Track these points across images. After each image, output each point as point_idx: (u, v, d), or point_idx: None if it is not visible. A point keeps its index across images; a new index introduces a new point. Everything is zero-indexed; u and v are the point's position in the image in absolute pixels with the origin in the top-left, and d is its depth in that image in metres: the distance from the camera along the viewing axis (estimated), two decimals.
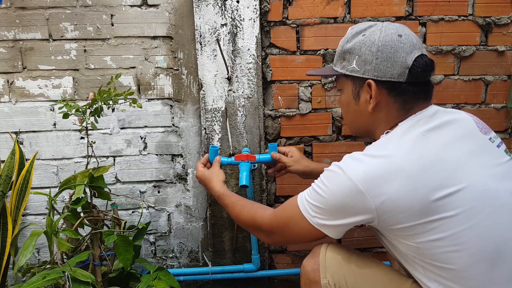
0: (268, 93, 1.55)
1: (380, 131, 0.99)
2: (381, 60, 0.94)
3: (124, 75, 1.54)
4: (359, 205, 0.88)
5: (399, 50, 0.93)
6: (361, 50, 0.96)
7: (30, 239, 1.20)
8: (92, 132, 1.52)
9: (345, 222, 0.92)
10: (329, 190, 0.92)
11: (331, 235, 0.96)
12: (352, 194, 0.88)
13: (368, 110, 0.99)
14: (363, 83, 0.97)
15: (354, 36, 1.00)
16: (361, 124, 1.05)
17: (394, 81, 0.94)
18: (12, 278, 1.63)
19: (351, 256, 1.04)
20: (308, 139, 1.57)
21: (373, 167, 0.87)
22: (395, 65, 0.93)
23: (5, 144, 1.57)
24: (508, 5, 1.49)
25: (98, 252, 1.29)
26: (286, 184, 1.61)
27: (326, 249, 1.06)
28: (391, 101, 0.96)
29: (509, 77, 1.54)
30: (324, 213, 0.94)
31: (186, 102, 1.57)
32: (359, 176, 0.87)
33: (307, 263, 1.06)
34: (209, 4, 1.45)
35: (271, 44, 1.52)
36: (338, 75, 1.05)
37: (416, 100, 0.96)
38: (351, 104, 1.03)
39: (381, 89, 0.96)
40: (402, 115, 0.97)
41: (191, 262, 1.69)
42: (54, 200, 1.27)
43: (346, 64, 1.01)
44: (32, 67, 1.53)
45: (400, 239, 0.90)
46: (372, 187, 0.86)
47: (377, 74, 0.95)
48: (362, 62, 0.96)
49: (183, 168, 1.62)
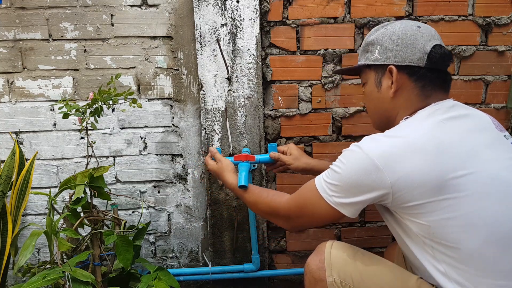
0: (268, 93, 1.55)
1: (400, 117, 1.02)
2: (401, 46, 1.00)
3: (124, 75, 1.54)
4: (375, 181, 0.89)
5: (418, 38, 0.99)
6: (383, 40, 1.03)
7: (30, 239, 1.20)
8: (92, 132, 1.52)
9: (361, 199, 0.93)
10: (346, 167, 0.94)
11: (348, 214, 0.97)
12: (369, 170, 0.90)
13: (389, 95, 1.03)
14: (385, 70, 1.03)
15: (376, 30, 1.07)
16: (382, 112, 1.07)
17: (413, 66, 0.99)
18: (12, 278, 1.63)
19: (356, 253, 1.04)
20: (308, 139, 1.57)
21: (391, 145, 0.90)
22: (414, 51, 0.99)
23: (5, 144, 1.57)
24: (508, 5, 1.49)
25: (98, 252, 1.29)
26: (286, 184, 1.61)
27: (331, 246, 1.06)
28: (411, 86, 1.01)
29: (509, 77, 1.54)
30: (341, 190, 0.95)
31: (186, 102, 1.57)
32: (376, 153, 0.90)
33: (312, 261, 1.06)
34: (209, 4, 1.45)
35: (271, 44, 1.52)
36: (362, 67, 1.11)
37: (434, 88, 1.01)
38: (373, 93, 1.07)
39: (401, 74, 1.00)
40: (422, 101, 1.00)
41: (191, 262, 1.69)
42: (54, 200, 1.27)
43: (369, 56, 1.07)
44: (32, 67, 1.53)
45: (412, 217, 0.91)
46: (389, 163, 0.88)
47: (397, 59, 1.00)
48: (384, 50, 1.02)
49: (183, 168, 1.62)
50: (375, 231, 1.64)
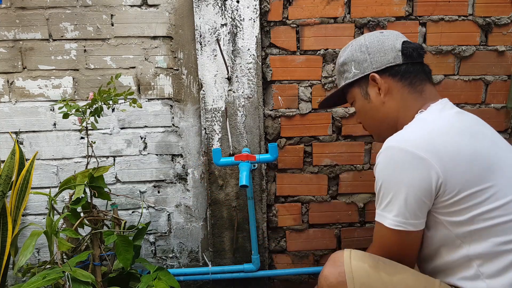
0: (268, 93, 1.55)
1: (404, 117, 1.01)
2: (373, 53, 1.03)
3: (124, 75, 1.54)
4: (425, 173, 0.86)
5: (386, 40, 1.03)
6: (353, 55, 1.06)
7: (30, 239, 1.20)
8: (92, 132, 1.52)
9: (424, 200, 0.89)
10: (390, 173, 0.89)
11: (423, 225, 0.92)
12: (414, 163, 0.86)
13: (381, 100, 1.03)
14: (367, 80, 1.05)
15: (343, 51, 1.11)
16: (382, 120, 1.06)
17: (392, 65, 1.01)
18: (12, 278, 1.63)
19: (378, 263, 0.95)
20: (308, 139, 1.57)
21: (422, 133, 0.89)
22: (387, 52, 1.02)
23: (5, 144, 1.57)
24: (508, 5, 1.49)
25: (98, 252, 1.29)
26: (286, 184, 1.61)
27: (350, 257, 0.96)
28: (399, 85, 1.02)
29: (509, 77, 1.54)
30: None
31: (186, 102, 1.57)
32: (413, 144, 0.87)
33: (331, 274, 0.95)
34: (209, 4, 1.45)
35: (271, 44, 1.51)
36: (345, 88, 1.12)
37: (422, 81, 1.02)
38: (365, 105, 1.08)
39: (384, 77, 1.02)
40: (418, 97, 1.01)
41: (191, 262, 1.69)
42: (54, 200, 1.27)
43: (347, 75, 1.09)
44: (32, 67, 1.53)
45: (454, 216, 0.89)
46: (430, 150, 0.86)
47: (375, 66, 1.03)
48: (359, 64, 1.05)
49: (183, 168, 1.62)
50: None
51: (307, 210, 1.63)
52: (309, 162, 1.59)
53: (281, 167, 1.59)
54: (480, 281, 0.89)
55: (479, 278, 0.89)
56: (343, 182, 1.60)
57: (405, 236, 0.91)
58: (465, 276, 0.91)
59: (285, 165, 1.59)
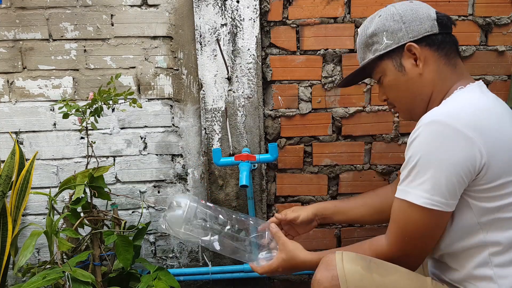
0: (268, 93, 1.55)
1: (439, 91, 0.97)
2: (409, 22, 0.97)
3: (124, 75, 1.54)
4: (470, 152, 0.82)
5: (419, 9, 0.98)
6: (386, 25, 0.99)
7: (30, 239, 1.20)
8: (92, 132, 1.52)
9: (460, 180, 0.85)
10: (430, 150, 0.84)
11: (453, 208, 0.88)
12: (458, 141, 0.82)
13: (418, 72, 0.97)
14: (402, 51, 0.98)
15: (371, 22, 1.03)
16: (417, 94, 1.00)
17: (430, 35, 0.96)
18: (12, 278, 1.63)
19: (370, 265, 0.94)
20: (308, 139, 1.57)
21: (469, 110, 0.86)
22: (423, 21, 0.96)
23: (5, 144, 1.57)
24: (508, 5, 1.49)
25: (98, 252, 1.29)
26: (286, 184, 1.61)
27: (342, 260, 0.93)
28: (436, 56, 0.97)
29: (509, 77, 1.54)
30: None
31: (186, 102, 1.57)
32: (461, 121, 0.83)
33: (323, 277, 0.92)
34: (209, 4, 1.45)
35: (271, 44, 1.52)
36: (373, 62, 1.04)
37: (455, 54, 0.99)
38: (399, 79, 1.00)
39: (422, 47, 0.97)
40: (453, 69, 0.97)
41: (191, 262, 1.69)
42: (54, 200, 1.27)
43: (377, 46, 1.01)
44: (32, 67, 1.53)
45: (484, 202, 0.86)
46: (477, 128, 0.83)
47: (411, 35, 0.97)
48: (392, 34, 0.98)
49: (183, 168, 1.62)
50: (375, 231, 1.64)
51: None
52: (309, 162, 1.59)
53: (281, 167, 1.59)
54: (487, 268, 0.88)
55: (487, 266, 0.88)
56: (343, 182, 1.60)
57: (437, 217, 0.86)
58: (473, 261, 0.90)
59: (285, 165, 1.59)
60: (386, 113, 1.54)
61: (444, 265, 0.98)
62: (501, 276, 0.87)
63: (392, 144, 1.57)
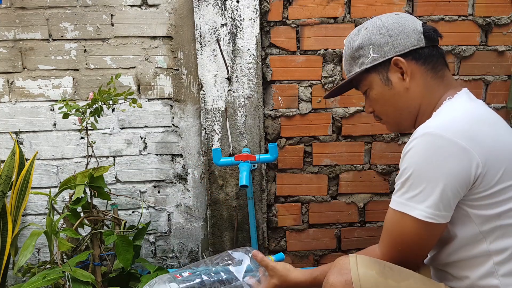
0: (268, 93, 1.55)
1: (427, 104, 0.97)
2: (395, 36, 0.96)
3: (124, 75, 1.54)
4: (466, 164, 0.82)
5: (405, 22, 0.97)
6: (372, 38, 0.98)
7: (30, 239, 1.20)
8: (92, 132, 1.52)
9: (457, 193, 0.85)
10: (426, 163, 0.83)
11: (447, 220, 0.87)
12: (456, 153, 0.81)
13: (405, 86, 0.97)
14: (388, 65, 0.98)
15: (357, 34, 1.02)
16: (404, 108, 0.99)
17: (416, 48, 0.96)
18: (12, 278, 1.63)
19: (384, 270, 0.90)
20: (308, 139, 1.57)
21: (461, 121, 0.85)
22: (410, 34, 0.96)
23: (5, 144, 1.57)
24: (508, 5, 1.49)
25: (98, 252, 1.29)
26: (286, 184, 1.61)
27: (356, 264, 0.90)
28: (422, 70, 0.96)
29: (509, 77, 1.54)
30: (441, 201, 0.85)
31: (186, 102, 1.57)
32: (454, 132, 0.82)
33: (337, 282, 0.89)
34: (209, 4, 1.45)
35: (271, 44, 1.52)
36: (360, 75, 1.03)
37: (442, 67, 0.98)
38: (385, 93, 1.00)
39: (408, 61, 0.96)
40: (440, 82, 0.97)
41: (191, 262, 1.69)
42: (54, 200, 1.27)
43: (363, 60, 1.00)
44: (32, 67, 1.53)
45: (483, 209, 0.86)
46: (471, 139, 0.82)
47: (398, 49, 0.96)
48: (379, 47, 0.98)
49: (183, 168, 1.62)
50: (375, 231, 1.64)
51: (307, 210, 1.63)
52: (309, 162, 1.59)
53: (281, 167, 1.59)
54: (493, 278, 0.87)
55: (492, 275, 0.87)
56: (343, 182, 1.60)
57: (432, 228, 0.86)
58: (478, 271, 0.89)
59: (285, 165, 1.59)
60: None
61: (447, 274, 0.97)
62: (507, 285, 0.86)
63: (392, 144, 1.57)
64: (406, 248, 0.89)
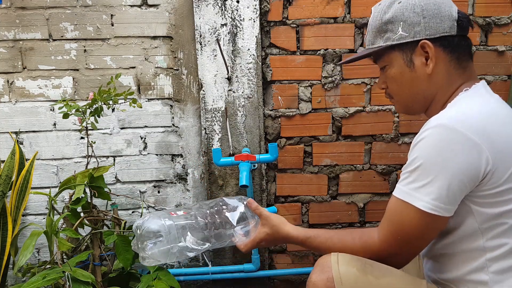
0: (268, 93, 1.55)
1: (444, 93, 0.95)
2: (429, 18, 0.92)
3: (124, 75, 1.54)
4: (476, 159, 0.81)
5: (442, 5, 0.92)
6: (404, 15, 0.93)
7: (30, 239, 1.20)
8: (92, 132, 1.52)
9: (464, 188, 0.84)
10: (438, 156, 0.82)
11: (449, 213, 0.86)
12: (467, 147, 0.80)
13: (426, 72, 0.94)
14: (415, 46, 0.94)
15: (390, 7, 0.97)
16: (420, 93, 0.97)
17: (447, 36, 0.92)
18: (12, 278, 1.63)
19: (365, 266, 0.93)
20: (308, 139, 1.57)
21: (475, 115, 0.83)
22: (444, 19, 0.91)
23: (5, 144, 1.57)
24: (508, 5, 1.49)
25: (98, 252, 1.29)
26: (286, 184, 1.61)
27: (337, 262, 0.93)
28: (448, 58, 0.93)
29: (509, 77, 1.54)
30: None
31: (186, 102, 1.57)
32: (468, 126, 0.81)
33: (319, 280, 0.91)
34: (209, 4, 1.45)
35: (271, 44, 1.52)
36: (382, 49, 0.98)
37: (467, 58, 0.95)
38: (405, 74, 0.96)
39: (436, 47, 0.92)
40: (462, 73, 0.94)
41: (191, 262, 1.69)
42: (54, 200, 1.27)
43: (390, 35, 0.96)
44: (32, 67, 1.53)
45: (487, 207, 0.85)
46: (484, 134, 0.81)
47: (429, 32, 0.92)
48: (409, 26, 0.93)
49: (183, 168, 1.62)
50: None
51: (307, 210, 1.63)
52: (309, 162, 1.59)
53: (281, 167, 1.59)
54: (483, 273, 0.88)
55: (483, 271, 0.88)
56: (343, 182, 1.60)
57: (435, 221, 0.85)
58: (470, 266, 0.89)
59: (285, 165, 1.59)
60: (386, 113, 1.54)
61: (438, 264, 0.98)
62: (497, 281, 0.87)
63: (392, 144, 1.57)
64: (405, 238, 0.88)
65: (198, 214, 1.10)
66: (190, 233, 1.05)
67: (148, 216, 1.05)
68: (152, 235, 1.01)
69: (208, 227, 1.09)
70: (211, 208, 1.13)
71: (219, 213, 1.12)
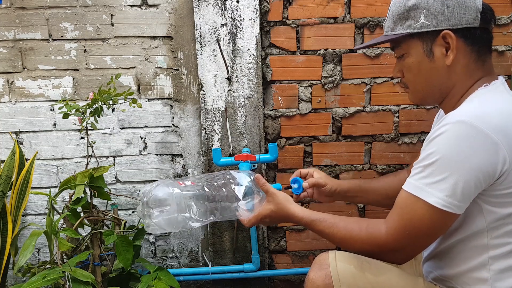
0: (268, 93, 1.55)
1: (461, 87, 0.93)
2: (453, 7, 0.89)
3: (124, 75, 1.54)
4: (494, 158, 0.80)
5: None
6: (428, 2, 0.91)
7: (30, 239, 1.20)
8: (92, 132, 1.52)
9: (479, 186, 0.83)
10: (453, 151, 0.81)
11: (461, 211, 0.85)
12: (486, 147, 0.79)
13: (446, 64, 0.92)
14: (436, 36, 0.92)
15: None
16: (437, 84, 0.95)
17: (469, 27, 0.89)
18: (12, 278, 1.63)
19: (362, 264, 0.94)
20: (308, 139, 1.58)
21: (496, 113, 0.82)
22: (468, 10, 0.89)
23: (5, 144, 1.57)
24: (508, 5, 1.49)
25: (98, 252, 1.29)
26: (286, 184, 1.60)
27: (335, 259, 0.94)
28: (468, 50, 0.91)
29: (509, 77, 1.54)
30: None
31: (186, 102, 1.57)
32: (488, 125, 0.79)
33: (317, 277, 0.93)
34: (209, 4, 1.45)
35: (271, 44, 1.52)
36: (402, 37, 0.96)
37: (487, 52, 0.93)
38: (423, 63, 0.94)
39: (458, 38, 0.90)
40: (480, 67, 0.92)
41: (191, 262, 1.69)
42: (54, 200, 1.27)
43: (411, 23, 0.93)
44: (32, 67, 1.53)
45: (498, 207, 0.85)
46: (503, 134, 0.80)
47: (452, 23, 0.89)
48: (432, 15, 0.91)
49: (183, 168, 1.62)
50: None
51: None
52: (309, 162, 1.59)
53: (281, 167, 1.59)
54: (484, 271, 0.88)
55: (484, 268, 0.88)
56: None
57: (446, 218, 0.84)
58: (471, 263, 0.89)
59: (285, 165, 1.59)
60: (386, 113, 1.54)
61: (439, 261, 0.97)
62: (496, 280, 0.87)
63: (392, 144, 1.57)
64: (414, 233, 0.87)
65: (206, 185, 1.09)
66: (196, 204, 1.05)
67: (156, 184, 1.05)
68: (159, 203, 1.01)
69: (214, 199, 1.08)
70: (218, 179, 1.12)
71: (225, 186, 1.11)
